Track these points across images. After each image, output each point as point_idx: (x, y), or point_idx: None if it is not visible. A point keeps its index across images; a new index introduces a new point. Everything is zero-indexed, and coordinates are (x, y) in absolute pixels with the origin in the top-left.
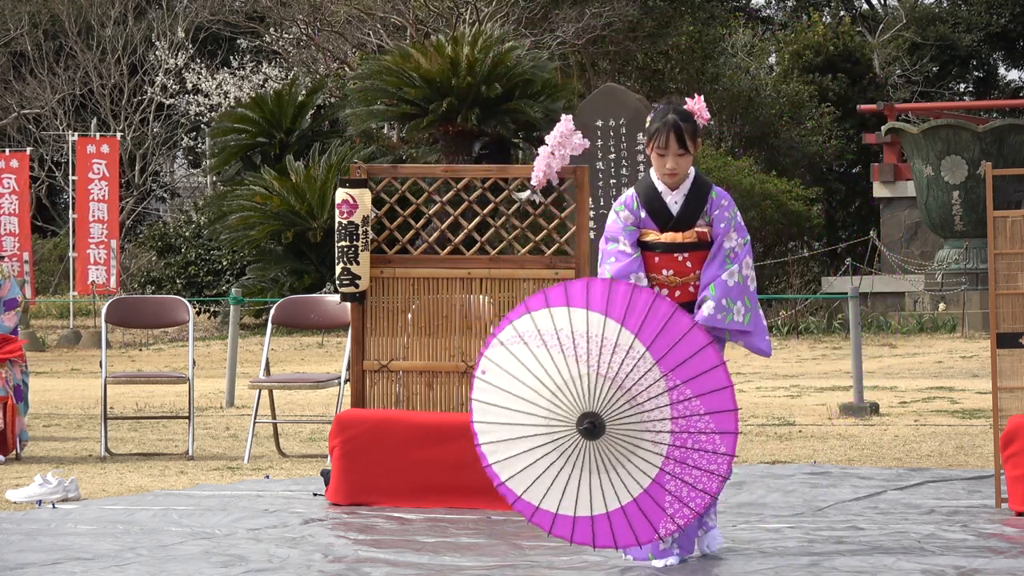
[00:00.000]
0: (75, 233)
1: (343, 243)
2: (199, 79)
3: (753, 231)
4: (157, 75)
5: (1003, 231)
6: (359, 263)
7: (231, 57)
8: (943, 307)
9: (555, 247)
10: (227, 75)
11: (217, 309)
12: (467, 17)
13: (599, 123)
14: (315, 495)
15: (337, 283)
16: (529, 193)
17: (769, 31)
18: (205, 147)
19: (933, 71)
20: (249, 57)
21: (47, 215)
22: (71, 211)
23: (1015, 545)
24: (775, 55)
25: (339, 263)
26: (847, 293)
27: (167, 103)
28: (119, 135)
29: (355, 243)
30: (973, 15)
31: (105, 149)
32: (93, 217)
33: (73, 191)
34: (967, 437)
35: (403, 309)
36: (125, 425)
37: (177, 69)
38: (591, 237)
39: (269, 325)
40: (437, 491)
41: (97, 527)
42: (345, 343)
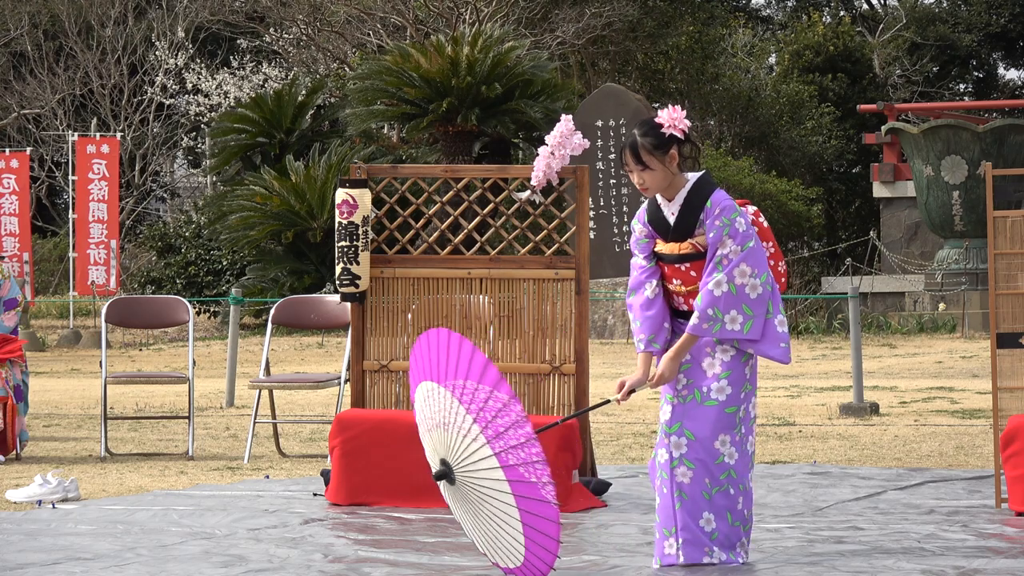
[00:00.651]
0: (75, 233)
1: (343, 243)
2: (199, 79)
3: None
4: (157, 75)
5: (1003, 231)
6: (359, 263)
7: (231, 57)
8: (943, 307)
9: (555, 247)
10: (227, 75)
11: (217, 309)
12: (467, 17)
13: (599, 123)
14: (315, 495)
15: (337, 283)
16: (529, 193)
17: (769, 31)
18: (205, 147)
19: (933, 71)
20: (249, 57)
21: (47, 215)
22: (71, 211)
23: (1015, 545)
24: (775, 55)
25: (339, 263)
26: (847, 293)
27: (167, 103)
28: (119, 135)
29: (355, 243)
30: (973, 15)
31: (105, 149)
32: (93, 217)
33: (73, 191)
34: (967, 437)
35: (403, 309)
36: (125, 425)
37: (177, 69)
38: (591, 237)
39: (269, 325)
40: (437, 491)
41: (97, 527)
42: (345, 343)
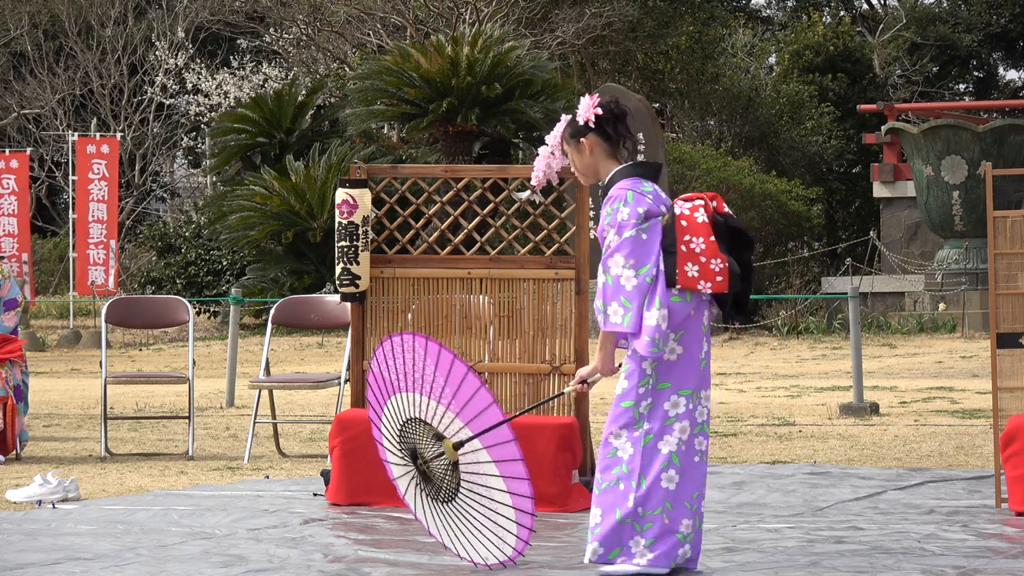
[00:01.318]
0: (75, 233)
1: (343, 243)
2: (199, 79)
3: (753, 231)
4: (157, 75)
5: (1003, 231)
6: (359, 263)
7: (231, 57)
8: (943, 307)
9: (555, 247)
10: (227, 75)
11: (217, 309)
12: (467, 17)
13: None
14: (315, 495)
15: (337, 283)
16: (529, 193)
17: (769, 31)
18: (205, 147)
19: (933, 71)
20: (249, 57)
21: (47, 215)
22: (71, 211)
23: (1015, 545)
24: (775, 55)
25: (339, 263)
26: (847, 293)
27: (167, 103)
28: (119, 135)
29: (355, 243)
30: (973, 15)
31: (105, 149)
32: (93, 217)
33: (73, 191)
34: (967, 437)
35: (403, 309)
36: (125, 425)
37: (177, 69)
38: (591, 237)
39: (269, 325)
40: None
41: (97, 527)
42: (345, 343)
